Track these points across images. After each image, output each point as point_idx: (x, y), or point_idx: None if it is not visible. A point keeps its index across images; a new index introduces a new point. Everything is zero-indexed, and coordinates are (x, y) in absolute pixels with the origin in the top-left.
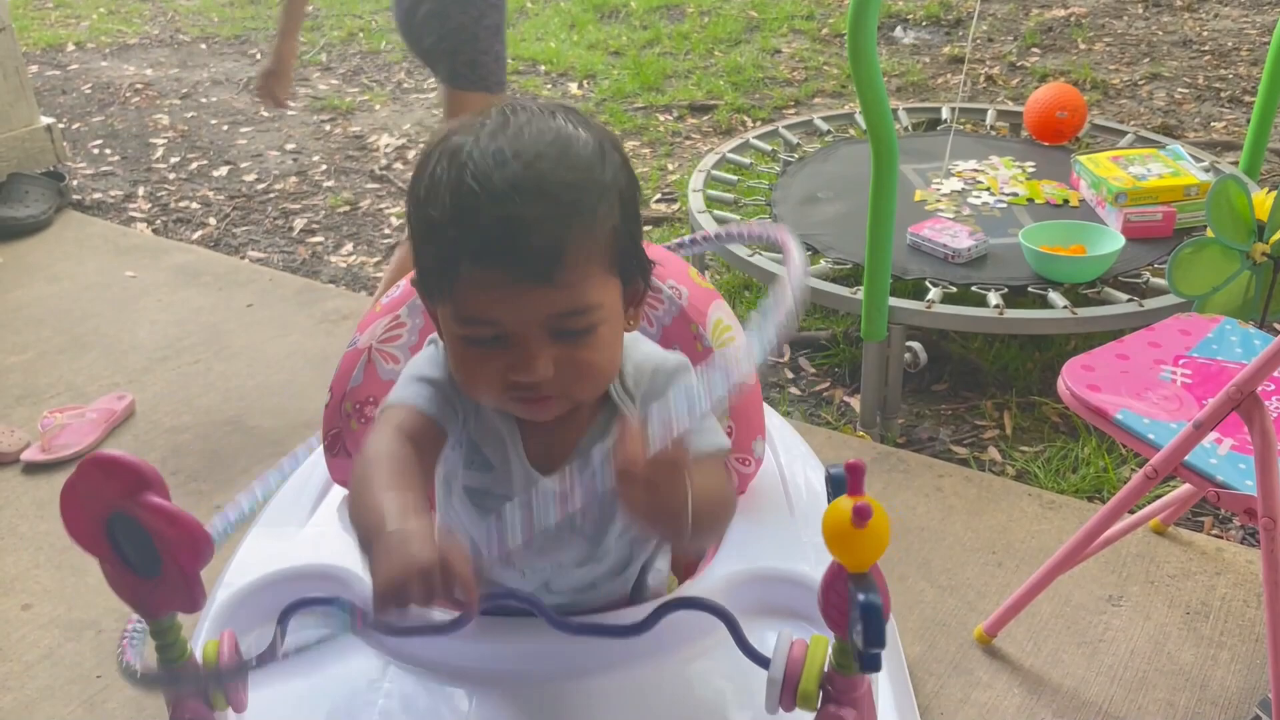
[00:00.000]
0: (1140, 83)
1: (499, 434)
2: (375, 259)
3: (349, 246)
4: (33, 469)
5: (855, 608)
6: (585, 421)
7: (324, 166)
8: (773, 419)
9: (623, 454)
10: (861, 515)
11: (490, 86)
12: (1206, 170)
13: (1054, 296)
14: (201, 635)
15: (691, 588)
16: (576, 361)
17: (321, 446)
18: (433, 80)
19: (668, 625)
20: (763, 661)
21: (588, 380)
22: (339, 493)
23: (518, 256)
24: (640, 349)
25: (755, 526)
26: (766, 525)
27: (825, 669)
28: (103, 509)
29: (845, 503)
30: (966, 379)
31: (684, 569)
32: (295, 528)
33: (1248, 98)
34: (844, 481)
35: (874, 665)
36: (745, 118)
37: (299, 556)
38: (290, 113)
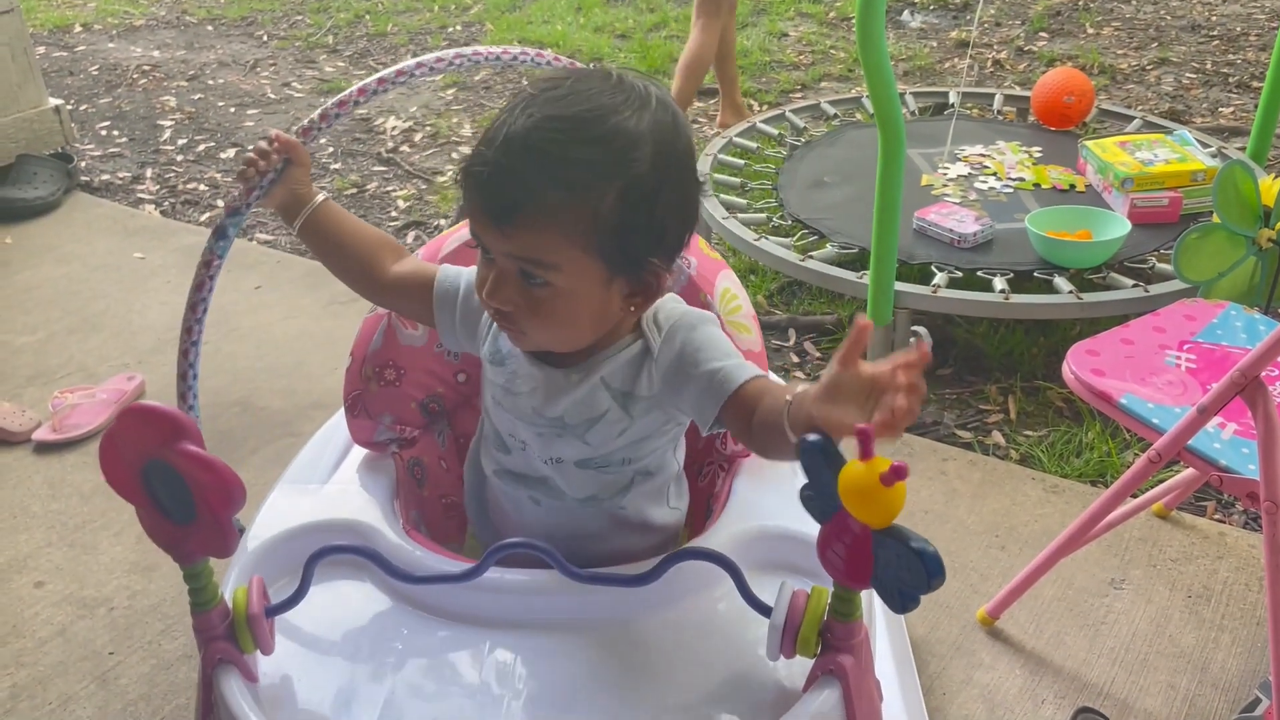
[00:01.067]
0: (1148, 68)
1: None
2: None
3: None
4: (44, 449)
5: (893, 558)
6: (606, 344)
7: (331, 149)
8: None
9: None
10: (898, 474)
11: None
12: (1213, 156)
13: (1059, 281)
14: (230, 583)
15: (699, 543)
16: (535, 307)
17: (343, 408)
18: None
19: (676, 577)
20: (765, 610)
21: (543, 328)
22: (359, 453)
23: (484, 195)
24: (671, 302)
25: (760, 486)
26: (770, 485)
27: (824, 618)
28: (140, 457)
29: (862, 466)
30: (971, 363)
31: (691, 530)
32: (318, 485)
33: (1256, 83)
34: (822, 448)
35: (914, 604)
36: (752, 101)
37: (322, 511)
38: (297, 95)
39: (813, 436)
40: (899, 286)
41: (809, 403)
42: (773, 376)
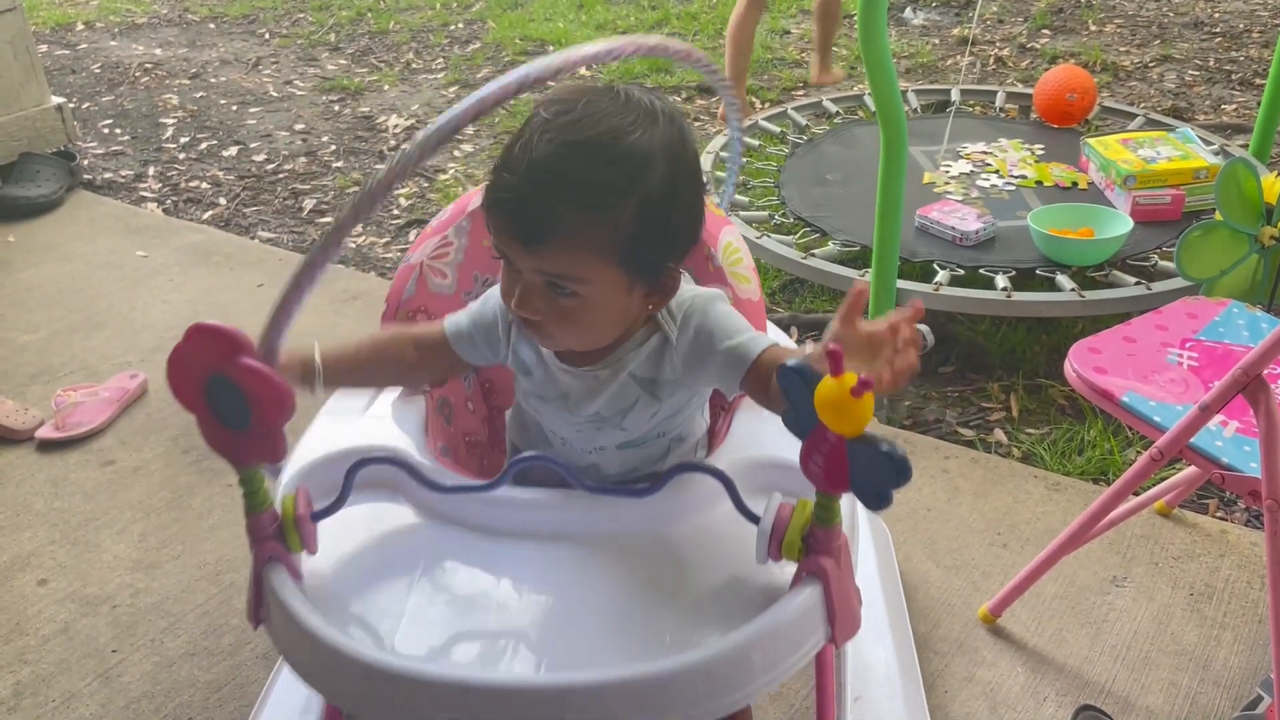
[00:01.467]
0: (1150, 65)
1: (533, 341)
2: (385, 239)
3: (358, 227)
4: (47, 446)
5: (866, 462)
6: (626, 339)
7: (333, 147)
8: (774, 332)
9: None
10: (866, 386)
11: None
12: (1216, 153)
13: (1062, 279)
14: (279, 493)
15: None
16: (562, 314)
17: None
18: (440, 61)
19: (677, 497)
20: (754, 519)
21: (571, 334)
22: (391, 392)
23: (513, 221)
24: (681, 284)
25: (755, 422)
26: (764, 421)
27: (808, 526)
28: (203, 372)
29: (834, 381)
30: (973, 361)
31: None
32: (356, 416)
33: (1259, 80)
34: (799, 371)
35: (887, 502)
36: (754, 99)
37: (359, 437)
38: (299, 93)
39: (791, 362)
40: (901, 284)
41: (815, 361)
42: (773, 329)
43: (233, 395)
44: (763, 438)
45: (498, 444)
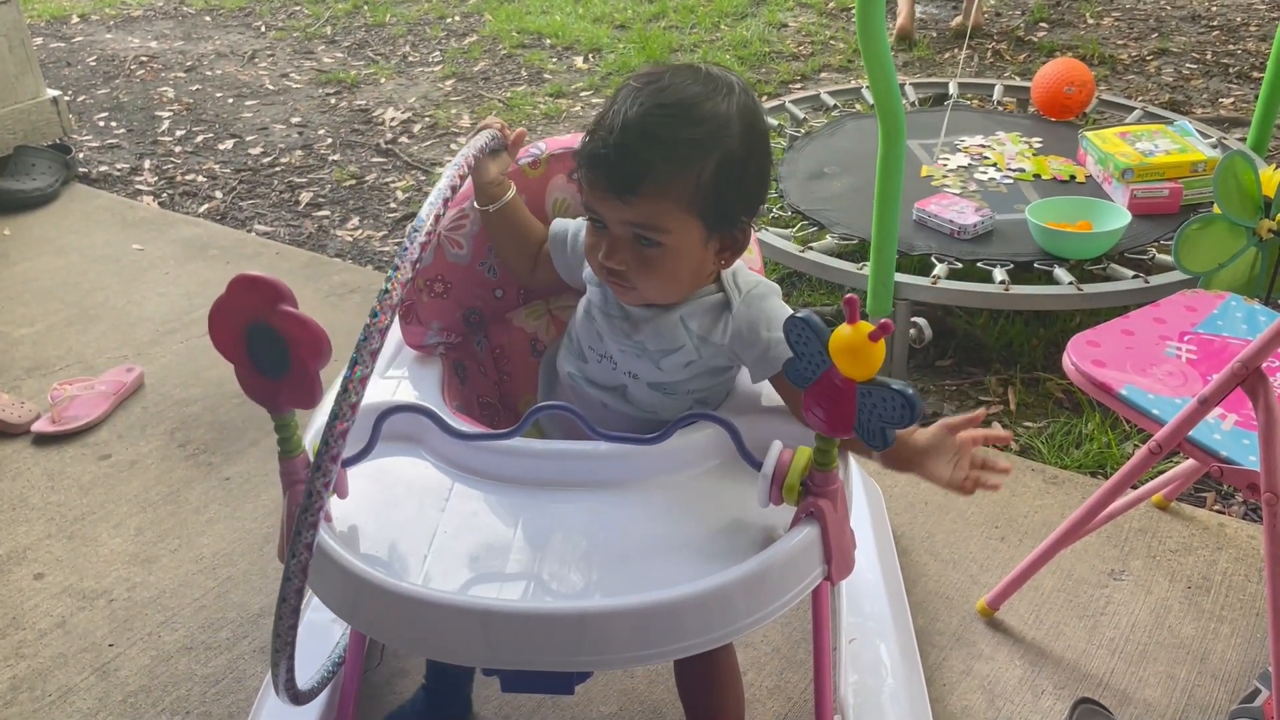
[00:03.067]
0: (1148, 58)
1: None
2: (381, 233)
3: (355, 220)
4: (43, 440)
5: (876, 402)
6: (693, 296)
7: (330, 140)
8: None
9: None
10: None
11: None
12: (1214, 146)
13: (1060, 272)
14: (310, 439)
15: None
16: (646, 265)
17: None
18: (437, 54)
19: (685, 448)
20: (757, 465)
21: (652, 284)
22: (409, 354)
23: (609, 173)
24: (746, 269)
25: (761, 385)
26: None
27: (806, 471)
28: (244, 320)
29: (849, 329)
30: (971, 355)
31: None
32: (376, 376)
33: (1256, 74)
34: (811, 324)
35: (891, 441)
36: None
37: (382, 394)
38: (295, 86)
39: (802, 313)
40: (899, 278)
41: (911, 451)
42: None
43: (272, 342)
44: (763, 394)
45: (509, 407)
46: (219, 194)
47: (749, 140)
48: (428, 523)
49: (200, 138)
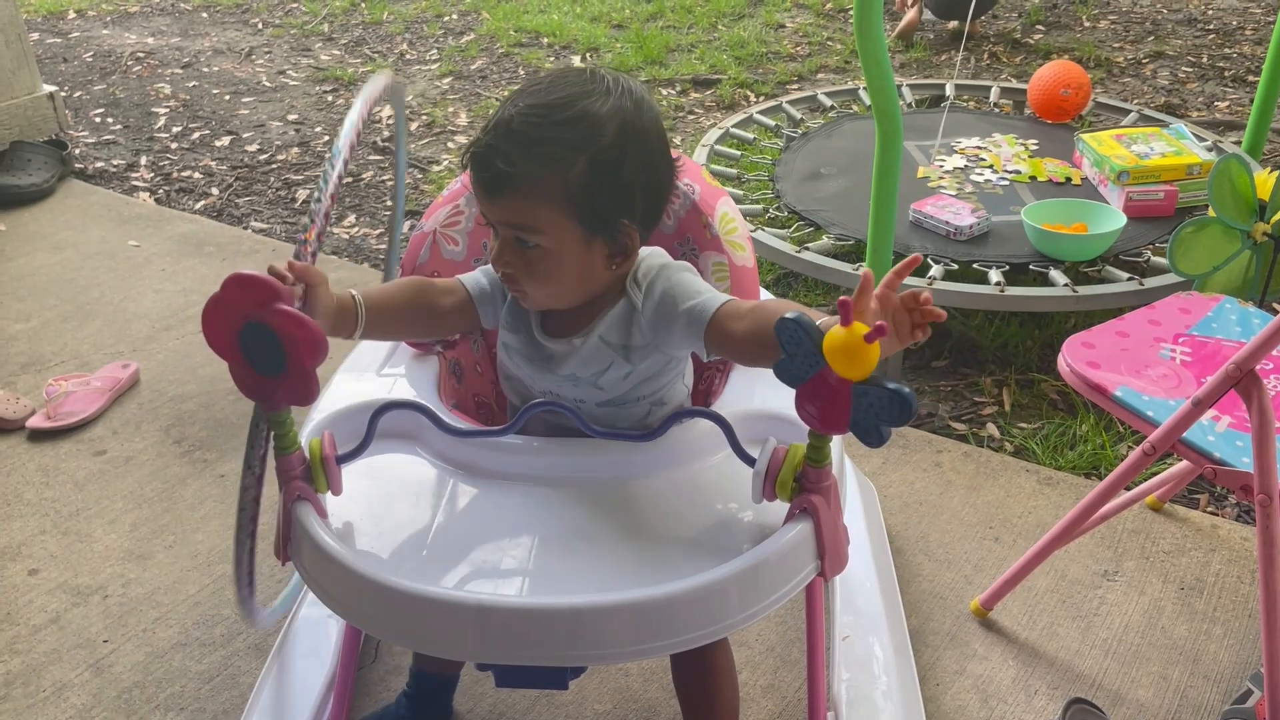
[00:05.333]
0: (1144, 61)
1: (525, 313)
2: (378, 230)
3: (351, 218)
4: (38, 436)
5: (871, 401)
6: (600, 309)
7: (326, 138)
8: (765, 296)
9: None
10: (880, 332)
11: None
12: (1209, 149)
13: (1055, 274)
14: (305, 437)
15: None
16: (529, 267)
17: None
18: (434, 53)
19: (679, 444)
20: (751, 461)
21: (539, 286)
22: (406, 352)
23: (480, 172)
24: (652, 257)
25: (751, 380)
26: (758, 379)
27: (799, 468)
28: (239, 319)
29: (844, 331)
30: (966, 356)
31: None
32: (371, 373)
33: (1251, 77)
34: (802, 324)
35: (884, 439)
36: (748, 92)
37: (378, 392)
38: (292, 83)
39: (791, 314)
40: None
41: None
42: (765, 294)
43: (267, 341)
44: (755, 392)
45: (504, 405)
46: (215, 191)
47: (626, 139)
48: (423, 519)
49: (197, 134)
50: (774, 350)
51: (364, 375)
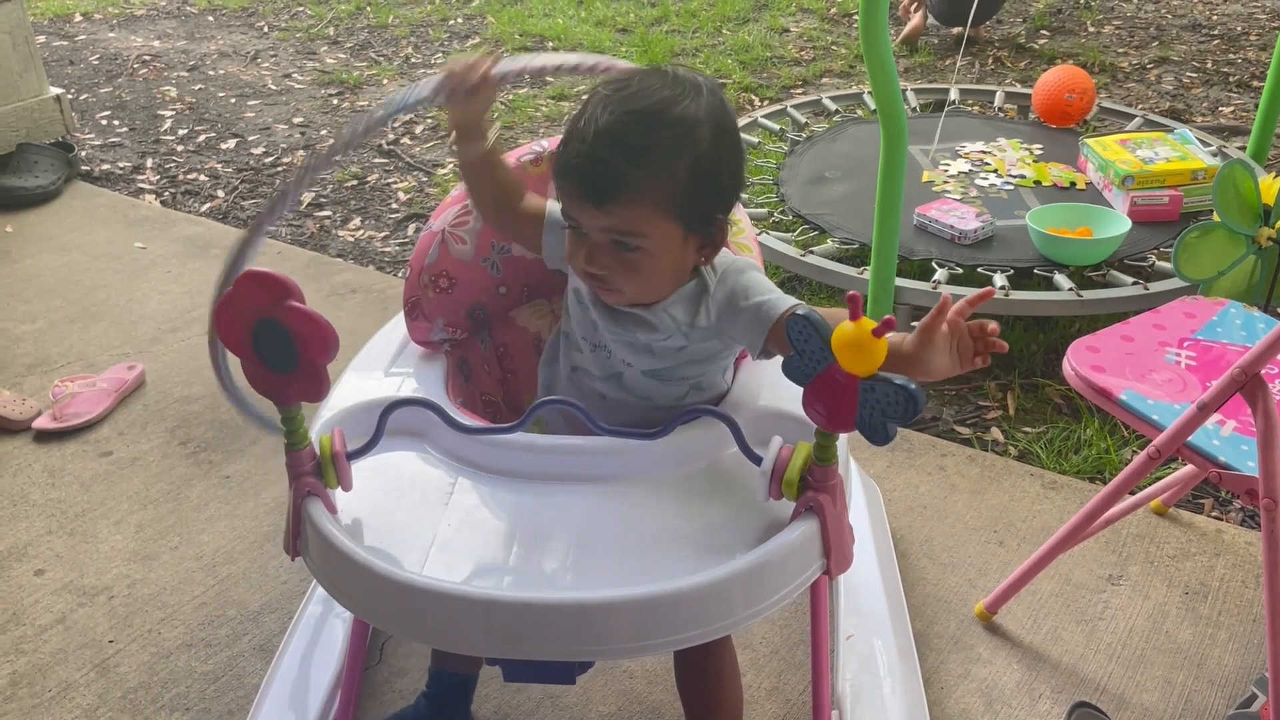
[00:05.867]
0: (1149, 66)
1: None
2: (383, 233)
3: (356, 221)
4: (44, 437)
5: (878, 398)
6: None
7: (331, 141)
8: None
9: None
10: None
11: None
12: (1214, 155)
13: (1060, 279)
14: (315, 434)
15: None
16: (626, 268)
17: (403, 311)
18: (440, 56)
19: (686, 443)
20: (757, 460)
21: (633, 285)
22: (415, 350)
23: (584, 183)
24: (725, 252)
25: (758, 378)
26: (765, 377)
27: (806, 467)
28: (252, 316)
29: (852, 325)
30: None
31: None
32: (381, 372)
33: (1256, 83)
34: (812, 320)
35: (891, 437)
36: (753, 96)
37: (387, 389)
38: (298, 86)
39: (802, 310)
40: (899, 282)
41: (906, 360)
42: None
43: (280, 338)
44: (763, 391)
45: (512, 404)
46: (221, 193)
47: (719, 140)
48: (432, 515)
49: (202, 137)
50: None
51: (373, 373)
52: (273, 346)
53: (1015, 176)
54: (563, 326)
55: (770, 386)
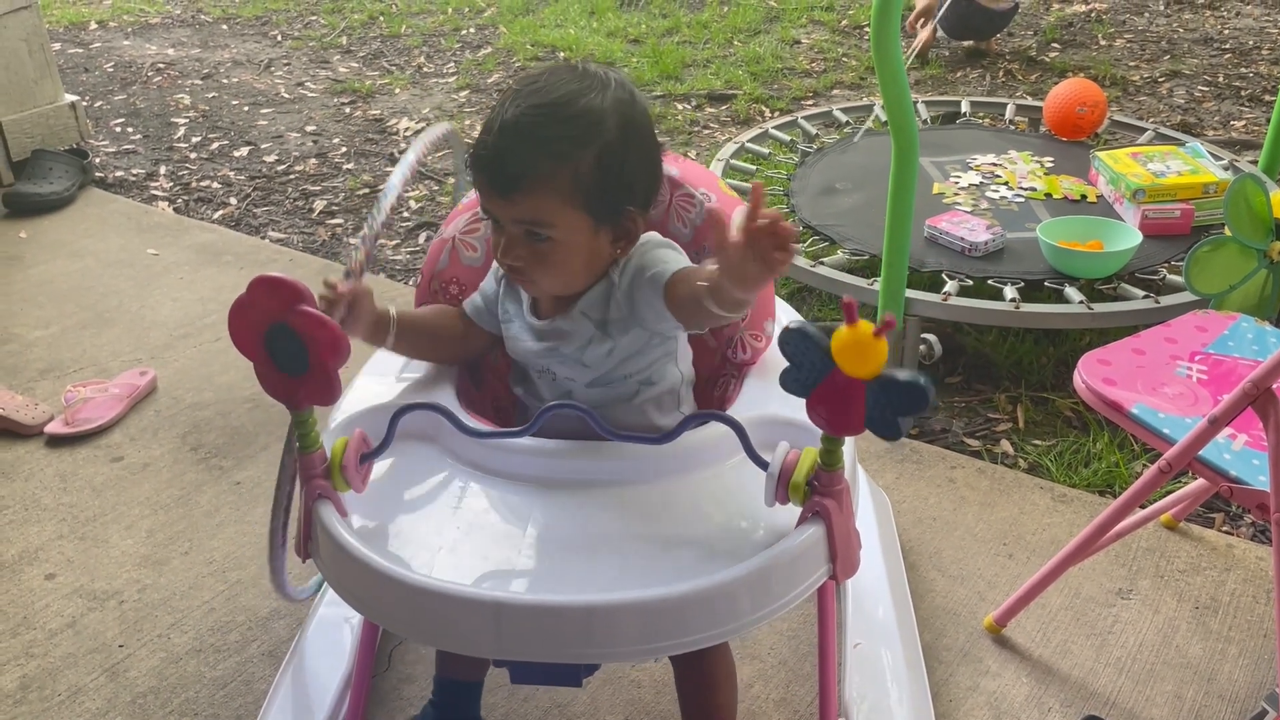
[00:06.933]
0: (1160, 80)
1: (518, 293)
2: (394, 241)
3: (367, 229)
4: (56, 442)
5: (887, 396)
6: (584, 290)
7: (344, 149)
8: (781, 306)
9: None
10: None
11: None
12: (1225, 168)
13: (1070, 291)
14: (329, 438)
15: None
16: (540, 259)
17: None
18: (452, 66)
19: (692, 449)
20: (763, 464)
21: (548, 275)
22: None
23: (491, 175)
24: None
25: (765, 386)
26: (773, 385)
27: (812, 471)
28: (264, 321)
29: (850, 330)
30: (980, 372)
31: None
32: (392, 377)
33: (1268, 96)
34: (806, 332)
35: (902, 432)
36: (764, 108)
37: (396, 393)
38: (310, 95)
39: (794, 323)
40: (909, 294)
41: (720, 281)
42: (780, 305)
43: (292, 342)
44: (769, 397)
45: (523, 411)
46: (233, 201)
47: (626, 133)
48: (441, 518)
49: (215, 144)
50: (701, 309)
51: (385, 378)
52: (285, 351)
53: (1026, 189)
54: (514, 362)
55: (778, 392)
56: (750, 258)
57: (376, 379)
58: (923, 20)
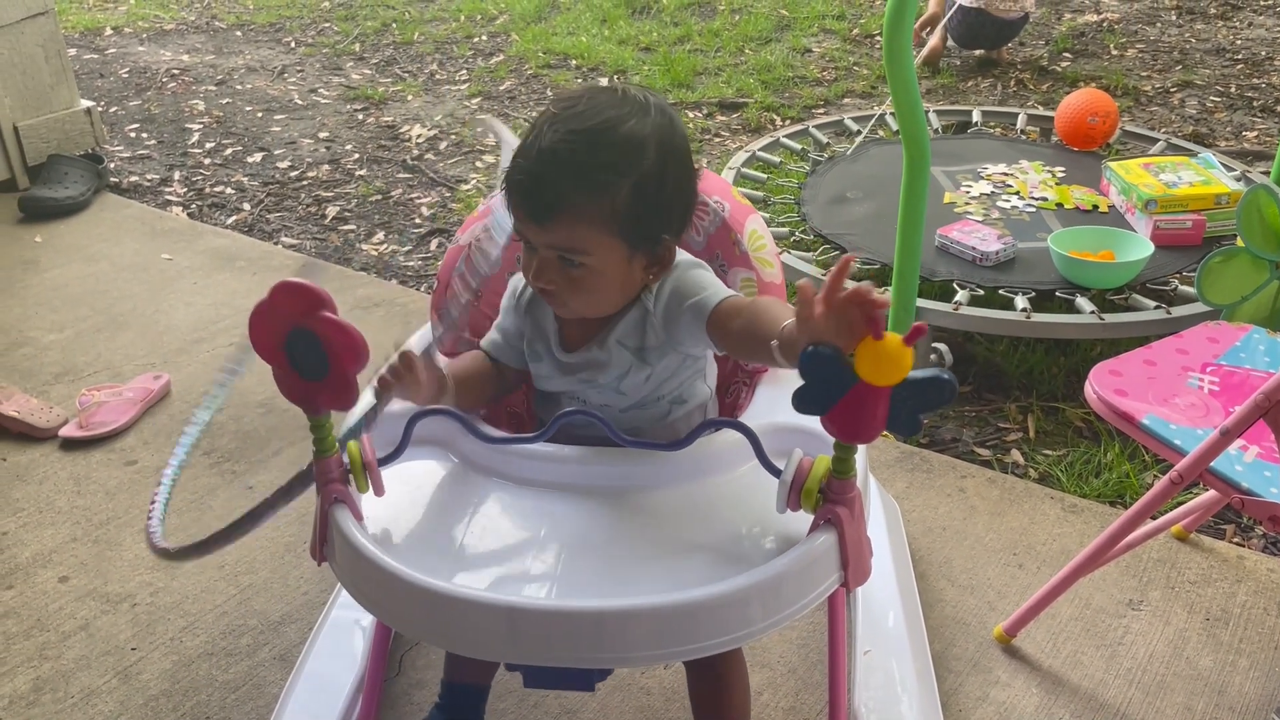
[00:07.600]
0: (1172, 90)
1: (544, 330)
2: (406, 248)
3: (380, 235)
4: (70, 445)
5: (912, 394)
6: (617, 318)
7: (356, 155)
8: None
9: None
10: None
11: None
12: (1237, 179)
13: (1081, 302)
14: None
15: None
16: (572, 284)
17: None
18: (464, 73)
19: (705, 455)
20: (776, 472)
21: (580, 300)
22: (441, 360)
23: (527, 200)
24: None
25: (777, 393)
26: (785, 392)
27: (825, 479)
28: (285, 325)
29: (876, 343)
30: (991, 381)
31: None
32: None
33: None
34: (832, 356)
35: (920, 427)
36: (775, 116)
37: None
38: (323, 101)
39: (810, 347)
40: (921, 303)
41: (799, 340)
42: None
43: (312, 347)
44: (782, 405)
45: (535, 417)
46: (247, 206)
47: (664, 161)
48: (456, 523)
49: (229, 150)
50: (764, 349)
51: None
52: (305, 355)
53: (1037, 199)
54: (539, 391)
55: (787, 402)
56: (833, 330)
57: None
58: (929, 28)
